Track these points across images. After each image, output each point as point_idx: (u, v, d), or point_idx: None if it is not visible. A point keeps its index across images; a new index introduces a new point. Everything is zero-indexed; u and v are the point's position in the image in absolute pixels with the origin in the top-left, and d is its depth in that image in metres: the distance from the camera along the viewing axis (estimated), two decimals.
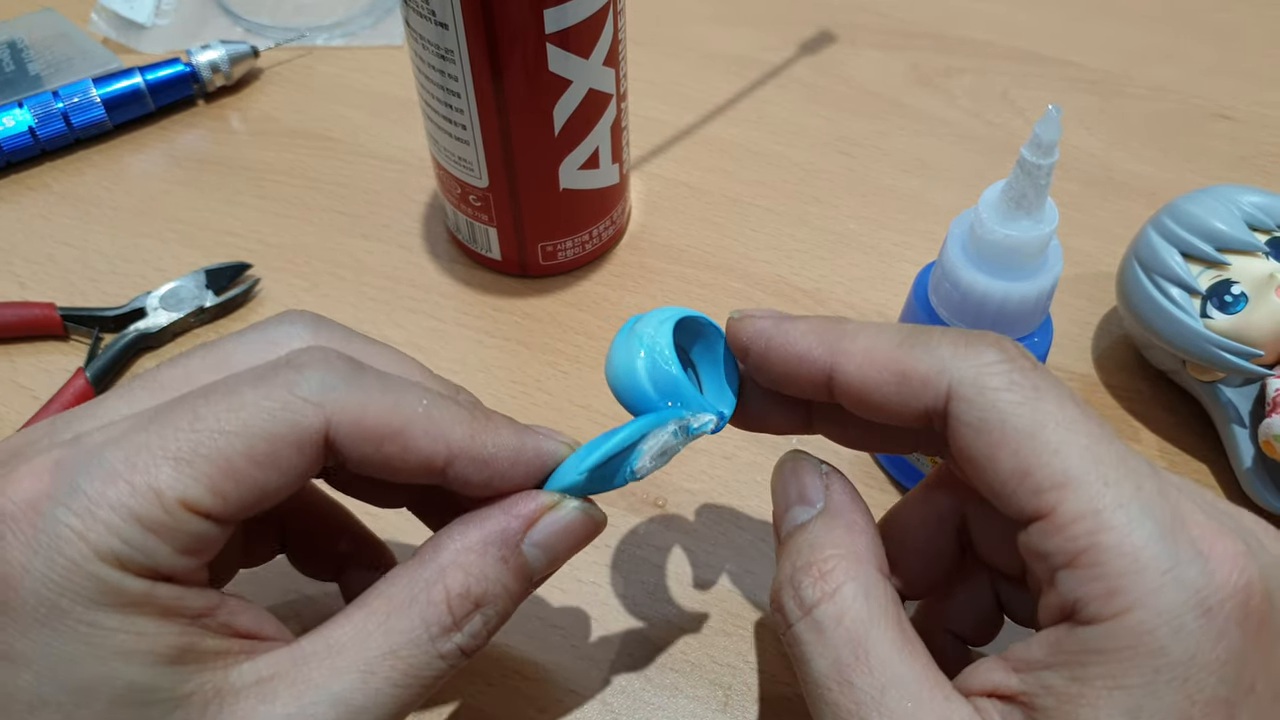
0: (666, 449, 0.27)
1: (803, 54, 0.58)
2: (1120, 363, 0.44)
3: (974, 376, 0.23)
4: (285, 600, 0.36)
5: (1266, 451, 0.36)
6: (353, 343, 0.27)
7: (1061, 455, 0.22)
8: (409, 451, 0.24)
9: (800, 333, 0.26)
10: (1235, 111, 0.54)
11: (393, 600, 0.24)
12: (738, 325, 0.27)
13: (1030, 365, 0.23)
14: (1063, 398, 0.23)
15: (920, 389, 0.24)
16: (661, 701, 0.34)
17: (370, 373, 0.24)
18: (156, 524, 0.21)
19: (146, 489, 0.21)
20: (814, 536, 0.26)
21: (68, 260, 0.47)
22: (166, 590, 0.22)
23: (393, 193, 0.50)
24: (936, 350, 0.24)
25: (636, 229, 0.49)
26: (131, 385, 0.25)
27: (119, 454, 0.22)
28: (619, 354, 0.27)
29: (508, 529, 0.26)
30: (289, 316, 0.26)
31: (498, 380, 0.43)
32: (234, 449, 0.22)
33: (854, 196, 0.50)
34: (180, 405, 0.23)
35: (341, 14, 0.59)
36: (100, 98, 0.52)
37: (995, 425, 0.23)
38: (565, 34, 0.38)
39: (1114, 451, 0.22)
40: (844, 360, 0.25)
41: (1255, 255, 0.38)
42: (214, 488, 0.22)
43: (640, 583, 0.37)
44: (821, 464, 0.28)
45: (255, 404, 0.22)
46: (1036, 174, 0.29)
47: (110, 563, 0.21)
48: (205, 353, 0.25)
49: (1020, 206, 0.30)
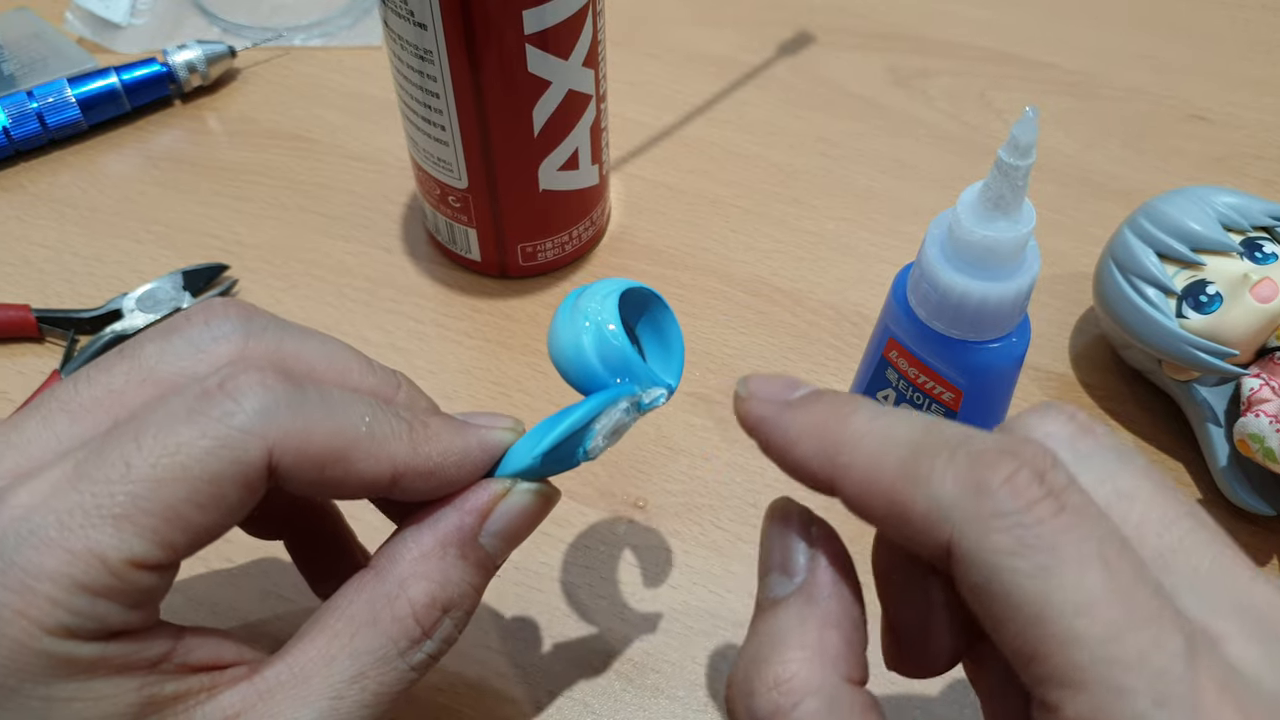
0: (619, 427, 0.26)
1: (781, 55, 0.58)
2: (1097, 362, 0.44)
3: (977, 535, 0.19)
4: (264, 602, 0.36)
5: (1241, 450, 0.37)
6: (286, 341, 0.25)
7: (1071, 650, 0.18)
8: (352, 475, 0.23)
9: (799, 433, 0.23)
10: (1210, 113, 0.55)
11: (355, 619, 0.24)
12: (741, 406, 0.24)
13: (1052, 509, 0.19)
14: (1085, 559, 0.18)
15: (921, 533, 0.20)
16: (642, 702, 0.34)
17: (311, 392, 0.23)
18: (103, 588, 0.20)
19: (87, 554, 0.20)
20: (782, 627, 0.22)
21: (43, 261, 0.47)
22: (119, 647, 0.21)
23: (372, 194, 0.50)
24: (939, 487, 0.20)
25: (616, 230, 0.49)
26: (49, 406, 0.23)
27: (50, 518, 0.20)
28: (564, 332, 0.26)
29: (463, 526, 0.25)
30: (215, 313, 0.24)
31: (477, 381, 0.43)
32: (176, 497, 0.21)
33: (833, 197, 0.51)
34: (109, 451, 0.21)
35: (319, 14, 0.59)
36: (75, 98, 0.51)
37: (1000, 597, 0.19)
38: (544, 35, 0.38)
39: (1139, 643, 0.18)
40: (843, 482, 0.22)
41: (1230, 255, 0.38)
42: (160, 540, 0.21)
43: (621, 583, 0.37)
44: (813, 524, 0.24)
45: (193, 444, 0.21)
46: (1014, 175, 0.29)
47: (58, 634, 0.20)
48: (125, 364, 0.24)
49: (998, 207, 0.30)
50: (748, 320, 0.45)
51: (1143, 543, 0.20)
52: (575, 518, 0.39)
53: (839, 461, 0.22)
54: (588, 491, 0.39)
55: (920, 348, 0.34)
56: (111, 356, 0.24)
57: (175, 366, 0.23)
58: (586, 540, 0.38)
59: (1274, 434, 0.35)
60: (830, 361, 0.44)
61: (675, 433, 0.41)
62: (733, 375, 0.43)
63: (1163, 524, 0.20)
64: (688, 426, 0.41)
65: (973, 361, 0.34)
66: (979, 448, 0.20)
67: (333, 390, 0.23)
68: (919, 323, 0.34)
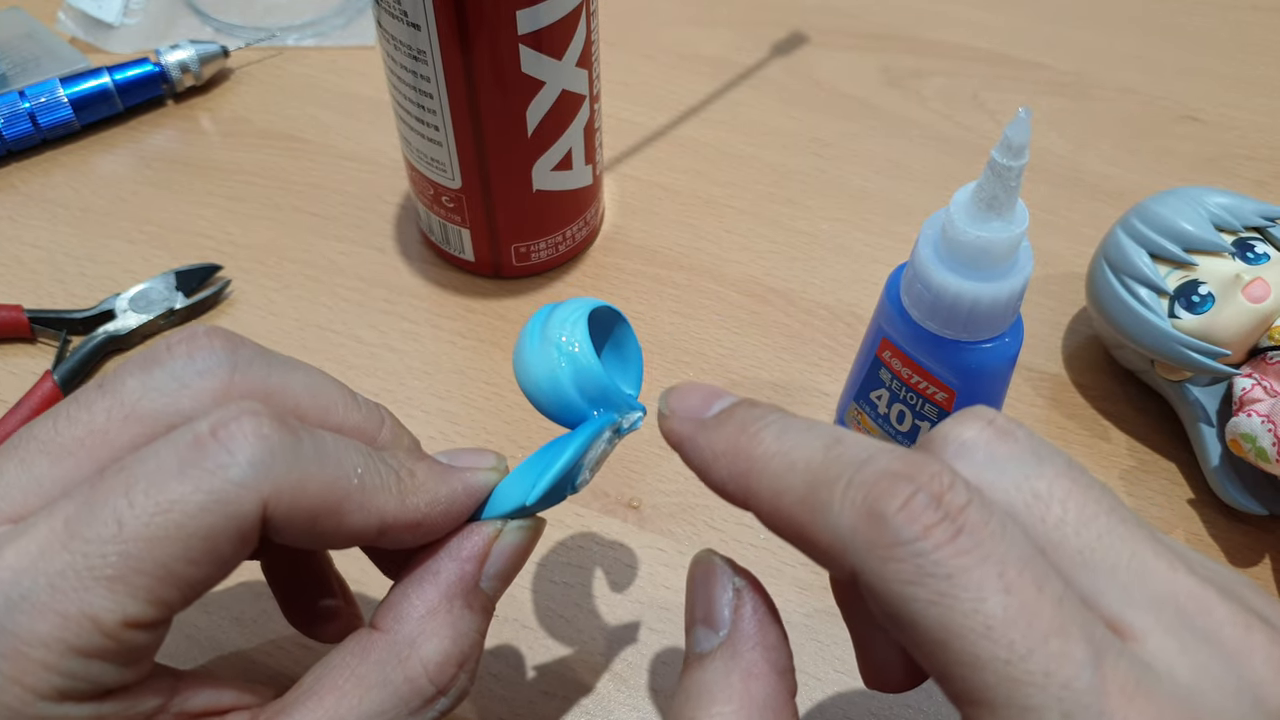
0: (603, 456, 0.26)
1: (775, 56, 0.58)
2: (1089, 362, 0.44)
3: (877, 565, 0.19)
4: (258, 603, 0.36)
5: (1234, 450, 0.37)
6: (272, 375, 0.24)
7: (978, 673, 0.18)
8: (343, 528, 0.23)
9: (714, 454, 0.23)
10: (1203, 113, 0.55)
11: (365, 680, 0.23)
12: (663, 425, 0.24)
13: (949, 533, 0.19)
14: (984, 582, 0.18)
15: (829, 562, 0.20)
16: (636, 702, 0.34)
17: (306, 442, 0.22)
18: (97, 649, 0.20)
19: (80, 617, 0.20)
20: (708, 681, 0.22)
21: (35, 262, 0.47)
22: (114, 705, 0.21)
23: (365, 194, 0.50)
24: (838, 518, 0.20)
25: (610, 230, 0.49)
26: (28, 447, 0.22)
27: (41, 580, 0.20)
28: (537, 364, 0.26)
29: (464, 575, 0.25)
30: (198, 345, 0.23)
31: (471, 382, 0.43)
32: (170, 555, 0.20)
33: (826, 198, 0.51)
34: (99, 508, 0.20)
35: (312, 14, 0.58)
36: (68, 98, 0.51)
37: (906, 624, 0.19)
38: (538, 35, 0.38)
39: (1043, 659, 0.18)
40: (755, 509, 0.22)
41: (1222, 256, 0.38)
42: (154, 599, 0.20)
43: (614, 584, 0.37)
44: (735, 575, 0.24)
45: (186, 500, 0.20)
46: (1007, 176, 0.29)
47: (52, 699, 0.20)
48: (106, 400, 0.23)
49: (991, 208, 0.30)
50: (741, 320, 0.45)
51: (1062, 543, 0.20)
52: (569, 518, 0.39)
53: (749, 487, 0.22)
54: (582, 492, 0.39)
55: (913, 348, 0.34)
56: (90, 391, 0.23)
57: (158, 403, 0.23)
58: (580, 540, 0.38)
59: (1266, 434, 0.35)
60: (824, 361, 0.44)
61: None
62: (727, 376, 0.43)
63: (1080, 522, 0.20)
64: None
65: (966, 362, 0.34)
66: (875, 472, 0.20)
67: (326, 437, 0.23)
68: (912, 323, 0.34)
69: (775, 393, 0.43)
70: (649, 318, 0.45)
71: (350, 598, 0.31)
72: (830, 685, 0.35)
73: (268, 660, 0.35)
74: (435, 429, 0.41)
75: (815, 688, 0.35)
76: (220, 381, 0.23)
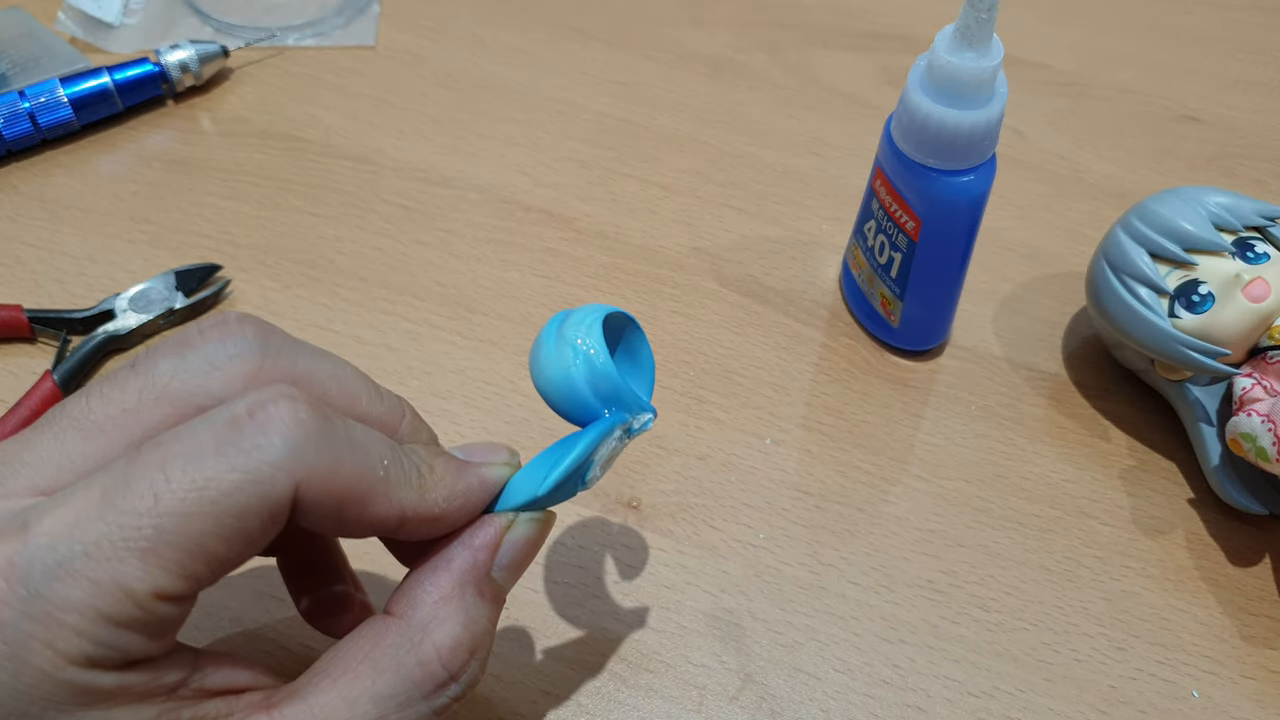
0: (613, 454, 0.27)
1: (774, 55, 0.58)
2: (1089, 362, 0.44)
3: None
4: (258, 603, 0.36)
5: (1233, 449, 0.37)
6: (300, 362, 0.24)
7: None
8: (366, 516, 0.23)
9: None
10: (1202, 113, 0.55)
11: (378, 663, 0.24)
12: None
13: None
14: None
15: None
16: (636, 702, 0.34)
17: (339, 429, 0.23)
18: (127, 619, 0.20)
19: (113, 587, 0.20)
20: None
21: (35, 262, 0.47)
22: (139, 675, 0.21)
23: (365, 194, 0.50)
24: None
25: (610, 230, 0.49)
26: (61, 423, 0.23)
27: (77, 549, 0.20)
28: (553, 364, 0.26)
29: (477, 563, 0.25)
30: (230, 329, 0.24)
31: (471, 382, 0.43)
32: (202, 530, 0.21)
33: (826, 197, 0.51)
34: (136, 482, 0.21)
35: (313, 14, 0.58)
36: (68, 97, 0.51)
37: None
38: None
39: None
40: None
41: (1222, 255, 0.38)
42: (184, 573, 0.21)
43: (614, 583, 0.37)
44: None
45: (221, 478, 0.21)
46: (980, 6, 0.33)
47: (81, 664, 0.20)
48: (138, 380, 0.23)
49: (965, 38, 0.35)
50: (741, 320, 0.45)
51: None
52: (569, 517, 0.39)
53: None
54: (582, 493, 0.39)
55: (896, 176, 0.38)
56: (124, 371, 0.24)
57: (189, 384, 0.23)
58: (581, 540, 0.38)
59: (1266, 433, 0.35)
60: (823, 361, 0.44)
61: (669, 433, 0.41)
62: (727, 375, 0.43)
63: None
64: (682, 426, 0.41)
65: (933, 190, 0.38)
66: None
67: (356, 427, 0.23)
68: (898, 151, 0.38)
69: (775, 393, 0.43)
70: (649, 318, 0.45)
71: (360, 588, 0.32)
72: (830, 685, 0.35)
73: (284, 641, 0.35)
74: (435, 429, 0.41)
75: (815, 687, 0.35)
76: (251, 366, 0.24)
